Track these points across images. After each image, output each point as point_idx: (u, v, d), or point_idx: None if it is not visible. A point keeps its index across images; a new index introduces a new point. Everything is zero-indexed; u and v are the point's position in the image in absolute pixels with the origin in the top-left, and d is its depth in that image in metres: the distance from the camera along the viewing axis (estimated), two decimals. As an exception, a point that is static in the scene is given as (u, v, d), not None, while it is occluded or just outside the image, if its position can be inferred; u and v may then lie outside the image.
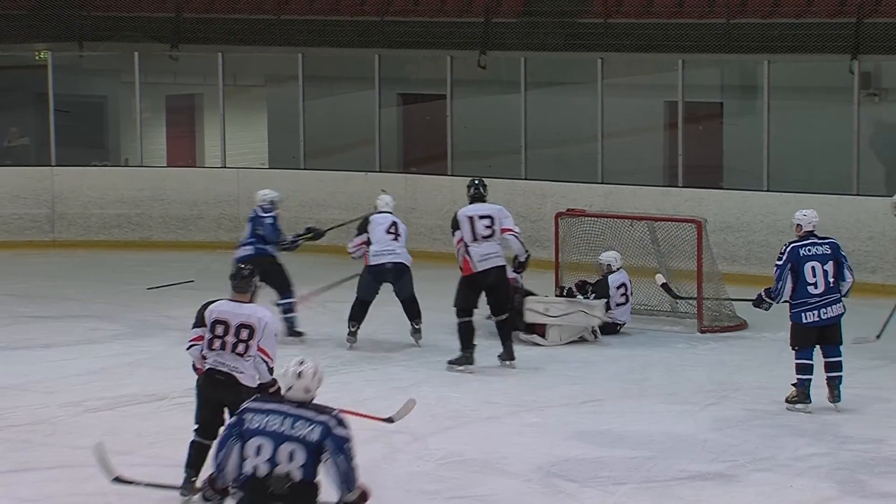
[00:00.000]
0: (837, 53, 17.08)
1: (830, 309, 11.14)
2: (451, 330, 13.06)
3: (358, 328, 13.38)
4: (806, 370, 11.12)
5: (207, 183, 19.52)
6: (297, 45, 20.18)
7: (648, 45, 18.58)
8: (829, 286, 11.13)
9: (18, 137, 21.87)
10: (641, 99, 18.97)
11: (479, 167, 17.52)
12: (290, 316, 13.57)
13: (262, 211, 13.65)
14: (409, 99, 20.70)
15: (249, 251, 13.48)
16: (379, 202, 13.71)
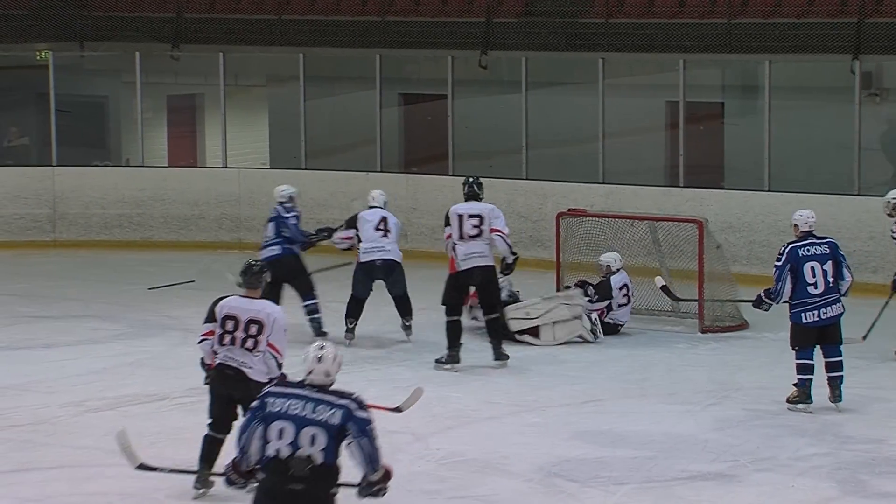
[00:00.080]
0: (839, 53, 17.07)
1: (830, 309, 11.14)
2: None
3: (355, 325, 13.39)
4: (806, 370, 11.12)
5: (208, 183, 19.51)
6: (298, 45, 20.18)
7: (649, 45, 18.57)
8: (828, 286, 11.13)
9: (18, 137, 21.86)
10: (643, 99, 18.96)
11: (480, 167, 17.50)
12: (315, 317, 13.52)
13: (284, 211, 13.59)
14: (410, 99, 20.70)
15: (276, 251, 13.44)
16: (369, 198, 13.75)
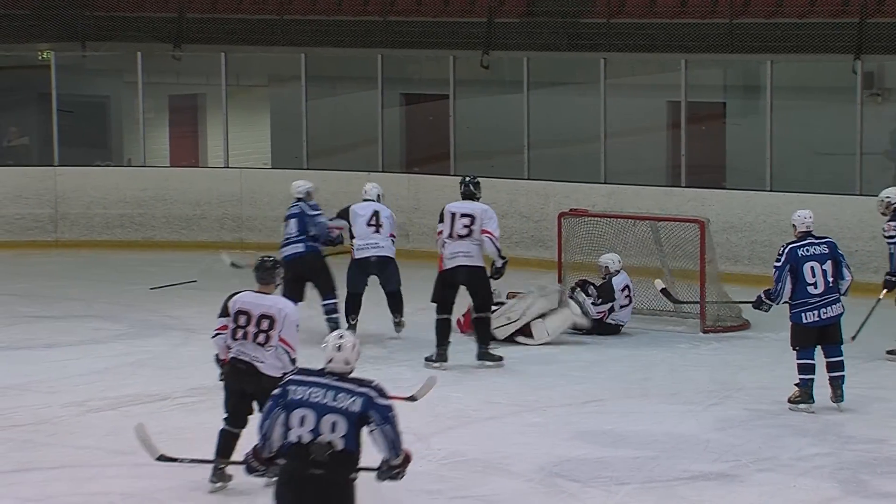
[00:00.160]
0: (840, 53, 17.06)
1: (830, 309, 11.14)
2: (453, 330, 13.14)
3: (356, 321, 13.37)
4: (808, 370, 11.11)
5: (210, 183, 19.50)
6: (299, 45, 20.18)
7: (651, 45, 18.56)
8: (828, 286, 11.12)
9: (18, 137, 21.86)
10: (644, 99, 18.95)
11: (481, 167, 17.49)
12: (333, 317, 13.40)
13: (309, 209, 13.43)
14: (412, 99, 20.69)
15: (300, 249, 13.33)
16: (363, 190, 13.76)
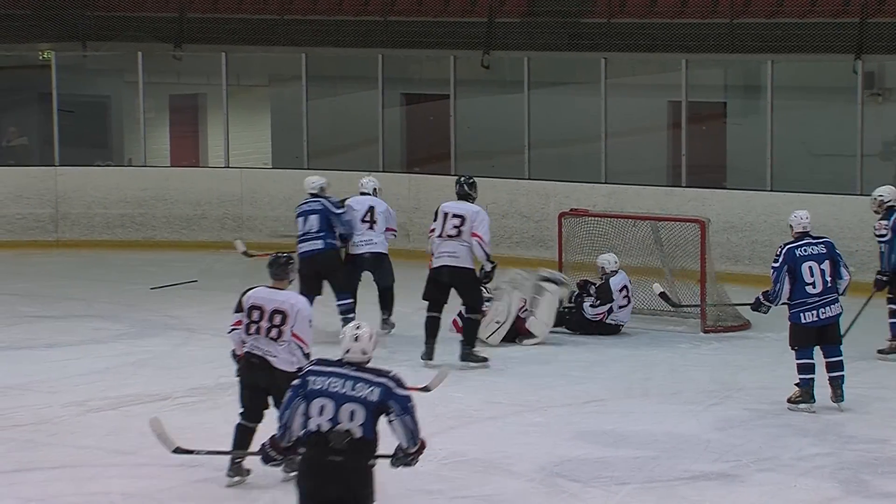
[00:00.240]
0: (841, 53, 17.06)
1: (829, 308, 11.14)
2: (450, 329, 13.13)
3: (354, 316, 13.36)
4: (807, 370, 11.12)
5: (211, 183, 19.50)
6: (300, 44, 20.18)
7: (652, 44, 18.57)
8: (826, 286, 11.12)
9: (17, 137, 21.86)
10: (645, 99, 18.96)
11: (482, 167, 17.51)
12: (348, 317, 13.28)
13: (334, 207, 13.37)
14: (412, 99, 20.70)
15: (319, 245, 13.29)
16: (359, 184, 13.77)
